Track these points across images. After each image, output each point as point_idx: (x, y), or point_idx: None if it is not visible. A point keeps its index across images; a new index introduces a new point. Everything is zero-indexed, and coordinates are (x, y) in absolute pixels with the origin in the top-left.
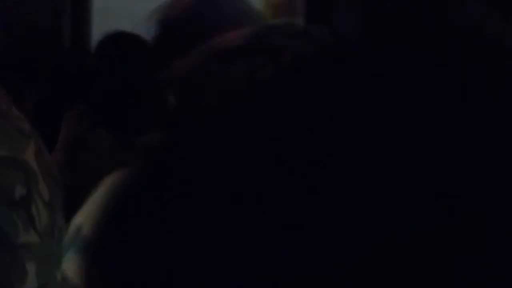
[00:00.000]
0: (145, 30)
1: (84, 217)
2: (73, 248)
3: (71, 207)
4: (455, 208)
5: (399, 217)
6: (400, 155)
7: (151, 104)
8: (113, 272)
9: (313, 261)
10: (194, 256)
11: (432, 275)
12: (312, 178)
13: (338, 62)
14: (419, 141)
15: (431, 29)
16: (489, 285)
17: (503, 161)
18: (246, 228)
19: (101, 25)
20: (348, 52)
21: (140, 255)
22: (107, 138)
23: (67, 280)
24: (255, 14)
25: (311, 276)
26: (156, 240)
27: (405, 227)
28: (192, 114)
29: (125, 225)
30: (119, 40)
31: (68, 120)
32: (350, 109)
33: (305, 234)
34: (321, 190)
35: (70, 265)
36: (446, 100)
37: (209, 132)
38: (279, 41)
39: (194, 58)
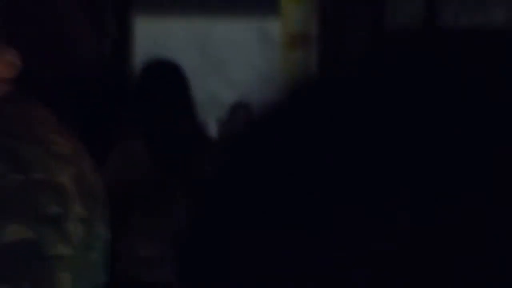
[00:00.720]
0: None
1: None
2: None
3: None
4: (455, 208)
5: (399, 217)
6: (400, 155)
7: (183, 121)
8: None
9: (313, 261)
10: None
11: (432, 275)
12: (313, 179)
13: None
14: (419, 141)
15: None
16: (489, 285)
17: (501, 161)
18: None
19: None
20: (352, 54)
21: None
22: (143, 150)
23: None
24: None
25: (311, 276)
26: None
27: (405, 227)
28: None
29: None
30: (160, 66)
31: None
32: (351, 111)
33: (305, 234)
34: (322, 190)
35: None
36: (446, 101)
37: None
38: None
39: None
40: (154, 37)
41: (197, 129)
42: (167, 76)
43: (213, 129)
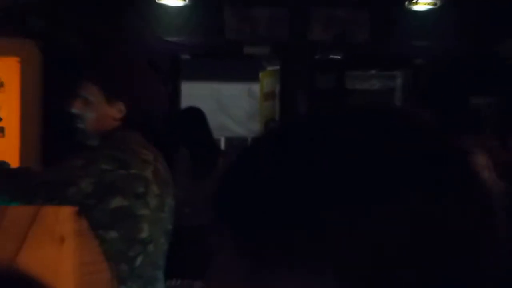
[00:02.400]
0: None
1: None
2: None
3: None
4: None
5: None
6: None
7: (206, 139)
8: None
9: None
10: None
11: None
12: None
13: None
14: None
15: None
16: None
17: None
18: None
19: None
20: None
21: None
22: (186, 157)
23: None
24: None
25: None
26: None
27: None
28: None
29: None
30: (193, 110)
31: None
32: (330, 158)
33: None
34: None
35: None
36: (368, 149)
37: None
38: None
39: None
40: (190, 93)
41: (214, 143)
42: (197, 116)
43: (222, 145)
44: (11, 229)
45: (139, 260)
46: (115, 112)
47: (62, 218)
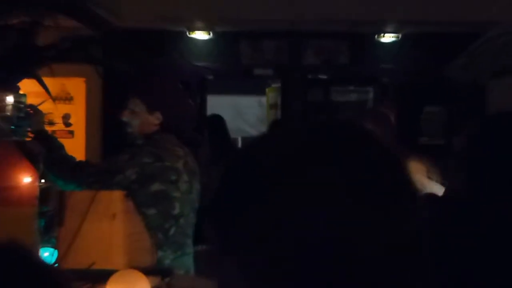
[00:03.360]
0: None
1: None
2: None
3: None
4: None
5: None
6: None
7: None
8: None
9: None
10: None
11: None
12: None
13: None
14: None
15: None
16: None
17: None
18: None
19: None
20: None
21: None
22: (208, 154)
23: None
24: None
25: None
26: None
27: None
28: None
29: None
30: (216, 117)
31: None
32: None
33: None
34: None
35: None
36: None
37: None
38: None
39: None
40: (214, 104)
41: (230, 141)
42: (218, 120)
43: (239, 143)
44: (76, 208)
45: (172, 230)
46: (154, 119)
47: (114, 199)
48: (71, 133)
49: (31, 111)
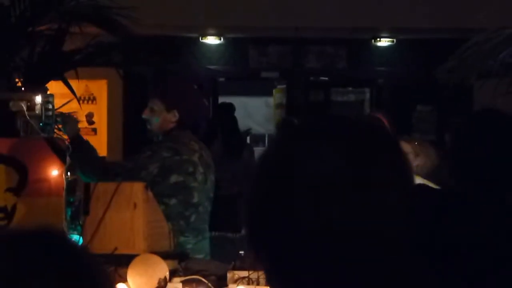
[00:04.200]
0: None
1: None
2: None
3: None
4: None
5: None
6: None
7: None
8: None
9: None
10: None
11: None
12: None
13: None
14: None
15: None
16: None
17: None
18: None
19: None
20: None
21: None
22: (220, 149)
23: None
24: None
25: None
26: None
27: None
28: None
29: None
30: (228, 105)
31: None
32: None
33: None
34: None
35: None
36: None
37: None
38: None
39: None
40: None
41: (241, 137)
42: (228, 107)
43: (248, 140)
44: (100, 198)
45: (193, 218)
46: (172, 117)
47: (135, 190)
48: (94, 130)
49: (67, 118)
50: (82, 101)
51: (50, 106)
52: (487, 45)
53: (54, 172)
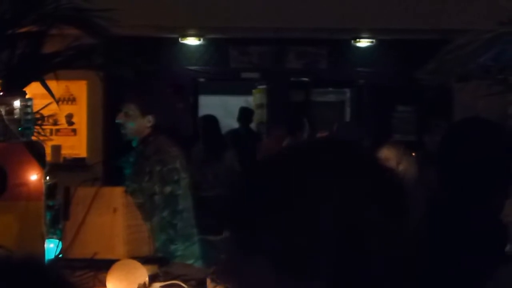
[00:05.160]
0: None
1: None
2: None
3: None
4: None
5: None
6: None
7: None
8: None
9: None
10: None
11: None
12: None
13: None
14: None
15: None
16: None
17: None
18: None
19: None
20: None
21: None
22: (201, 151)
23: None
24: None
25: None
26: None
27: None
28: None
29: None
30: (210, 117)
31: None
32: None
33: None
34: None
35: None
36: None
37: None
38: None
39: None
40: (206, 104)
41: (222, 138)
42: (212, 120)
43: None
44: (80, 202)
45: (179, 225)
46: (147, 122)
47: (115, 194)
48: (74, 131)
49: None
50: (62, 102)
51: (29, 110)
52: (468, 49)
53: (34, 176)
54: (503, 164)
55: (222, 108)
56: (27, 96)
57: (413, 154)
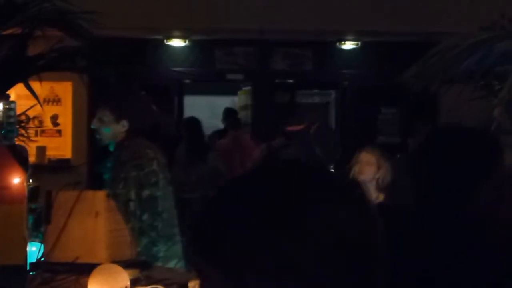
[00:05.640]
0: None
1: None
2: None
3: None
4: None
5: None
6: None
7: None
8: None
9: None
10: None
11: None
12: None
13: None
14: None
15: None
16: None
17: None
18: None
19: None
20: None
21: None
22: (184, 152)
23: None
24: None
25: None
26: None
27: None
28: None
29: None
30: (192, 119)
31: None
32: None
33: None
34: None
35: None
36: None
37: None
38: None
39: None
40: (192, 104)
41: (204, 140)
42: (195, 123)
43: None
44: (62, 206)
45: (160, 226)
46: (121, 127)
47: (97, 198)
48: (59, 132)
49: None
50: (47, 103)
51: (12, 113)
52: (452, 52)
53: (16, 179)
54: (483, 168)
55: (209, 109)
56: (11, 98)
57: (398, 155)
